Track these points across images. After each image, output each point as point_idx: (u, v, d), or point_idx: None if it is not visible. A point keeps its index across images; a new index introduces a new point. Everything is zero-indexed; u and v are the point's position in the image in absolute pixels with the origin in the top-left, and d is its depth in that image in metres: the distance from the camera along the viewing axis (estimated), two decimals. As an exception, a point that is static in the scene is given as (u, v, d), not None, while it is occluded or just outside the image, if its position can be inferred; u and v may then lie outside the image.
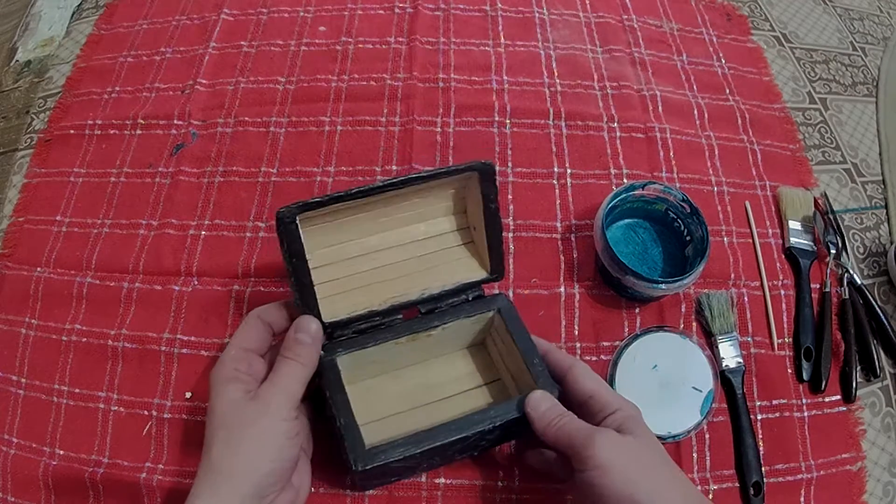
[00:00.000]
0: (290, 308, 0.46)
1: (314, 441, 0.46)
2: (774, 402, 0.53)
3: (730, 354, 0.54)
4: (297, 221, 0.43)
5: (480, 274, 0.50)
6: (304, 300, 0.45)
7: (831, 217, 0.61)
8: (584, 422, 0.41)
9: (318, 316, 0.45)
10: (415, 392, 0.50)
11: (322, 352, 0.45)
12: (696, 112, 0.67)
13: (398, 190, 0.46)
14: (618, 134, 0.64)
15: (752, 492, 0.49)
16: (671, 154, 0.63)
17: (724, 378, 0.53)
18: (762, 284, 0.58)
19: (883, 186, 0.67)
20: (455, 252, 0.53)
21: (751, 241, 0.60)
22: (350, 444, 0.42)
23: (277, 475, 0.39)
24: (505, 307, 0.48)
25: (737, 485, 0.50)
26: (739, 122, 0.67)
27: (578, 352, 0.54)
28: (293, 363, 0.42)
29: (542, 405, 0.42)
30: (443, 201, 0.51)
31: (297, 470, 0.43)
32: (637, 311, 0.56)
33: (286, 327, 0.45)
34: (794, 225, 0.60)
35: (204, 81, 0.68)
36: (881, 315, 0.57)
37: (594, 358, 0.54)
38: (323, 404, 0.45)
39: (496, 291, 0.51)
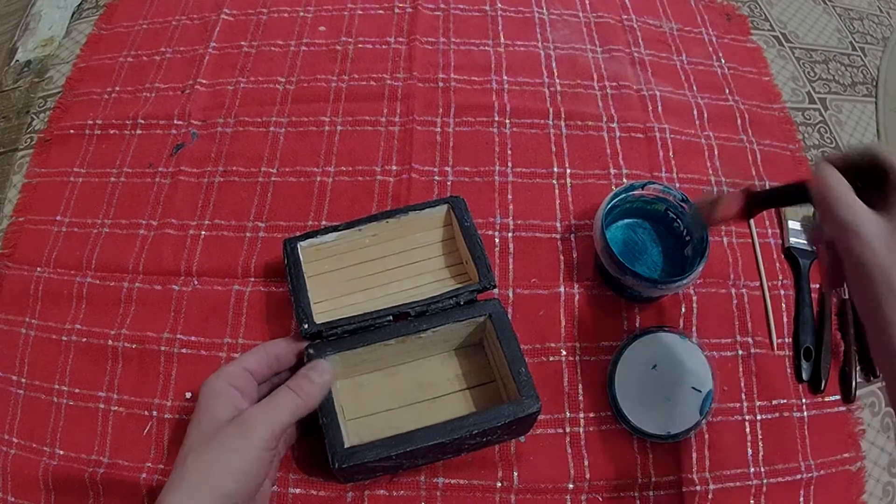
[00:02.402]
0: (298, 344, 0.48)
1: (316, 436, 0.46)
2: (774, 402, 0.53)
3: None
4: (298, 246, 0.52)
5: (471, 282, 0.51)
6: (299, 303, 0.48)
7: (831, 217, 0.60)
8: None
9: (311, 317, 0.48)
10: (407, 390, 0.50)
11: (312, 350, 0.47)
12: (695, 112, 0.67)
13: (385, 220, 0.53)
14: (617, 134, 0.64)
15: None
16: (671, 154, 0.63)
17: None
18: (762, 284, 0.58)
19: (883, 186, 0.67)
20: (446, 260, 0.54)
21: (750, 241, 0.60)
22: (330, 442, 0.43)
23: (244, 496, 0.40)
24: (496, 313, 0.49)
25: (737, 484, 0.50)
26: (739, 122, 0.67)
27: (578, 352, 0.54)
28: (293, 395, 0.42)
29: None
30: (434, 214, 0.54)
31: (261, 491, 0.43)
32: (637, 311, 0.56)
33: (292, 362, 0.47)
34: (793, 225, 0.60)
35: (204, 81, 0.68)
36: (881, 315, 0.57)
37: (594, 358, 0.54)
38: (314, 423, 0.46)
39: (494, 293, 0.51)
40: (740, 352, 0.55)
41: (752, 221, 0.61)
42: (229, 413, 0.41)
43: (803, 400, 0.54)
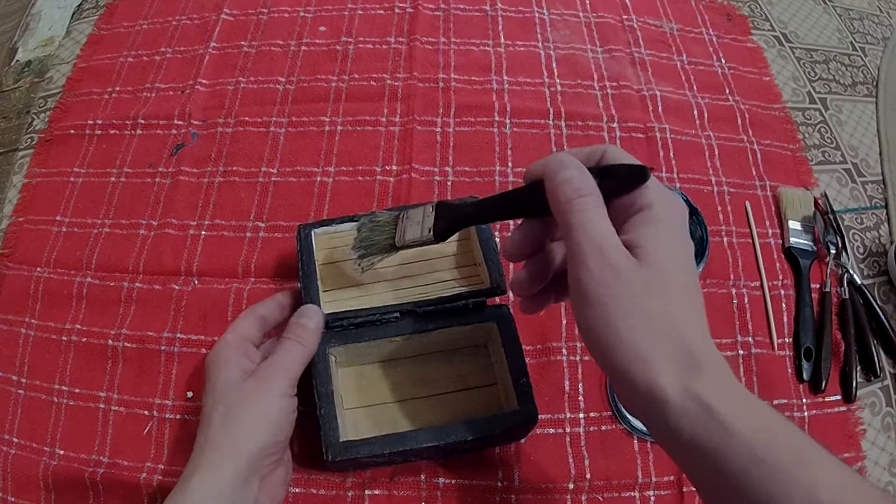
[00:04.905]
0: (283, 301, 0.49)
1: (315, 434, 0.46)
2: (775, 402, 0.53)
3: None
4: (312, 233, 0.51)
5: (482, 285, 0.50)
6: (308, 292, 0.48)
7: (831, 217, 0.61)
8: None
9: (319, 305, 0.48)
10: (408, 384, 0.50)
11: None
12: (695, 112, 0.67)
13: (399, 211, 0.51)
14: (618, 134, 0.64)
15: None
16: (671, 154, 0.63)
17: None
18: (762, 284, 0.58)
19: (883, 186, 0.67)
20: (459, 260, 0.54)
21: (751, 241, 0.60)
22: (325, 434, 0.44)
23: (274, 449, 0.41)
24: (504, 321, 0.48)
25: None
26: (739, 122, 0.67)
27: (579, 352, 0.54)
28: (294, 343, 0.44)
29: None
30: None
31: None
32: (637, 311, 0.56)
33: (279, 320, 0.49)
34: (794, 225, 0.60)
35: (204, 81, 0.68)
36: (881, 315, 0.57)
37: (594, 358, 0.54)
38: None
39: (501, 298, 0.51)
40: (741, 351, 0.55)
41: (751, 221, 0.61)
42: (240, 374, 0.42)
43: (804, 400, 0.54)
